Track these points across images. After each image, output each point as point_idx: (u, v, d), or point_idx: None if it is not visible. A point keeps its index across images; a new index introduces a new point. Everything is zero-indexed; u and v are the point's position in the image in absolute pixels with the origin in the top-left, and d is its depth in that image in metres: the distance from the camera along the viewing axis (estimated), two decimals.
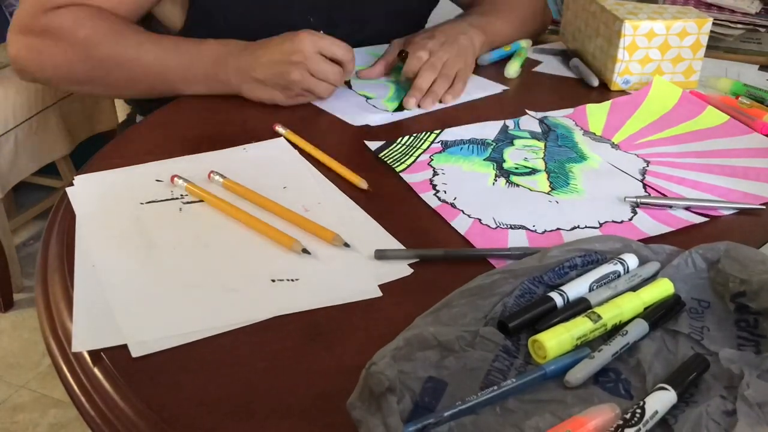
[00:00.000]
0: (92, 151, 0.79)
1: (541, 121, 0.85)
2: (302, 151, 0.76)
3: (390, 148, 0.77)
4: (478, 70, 1.01)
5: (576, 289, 0.51)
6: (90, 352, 0.48)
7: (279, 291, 0.55)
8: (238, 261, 0.58)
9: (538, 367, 0.44)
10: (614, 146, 0.80)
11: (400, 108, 0.87)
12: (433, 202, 0.67)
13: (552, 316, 0.48)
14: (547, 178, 0.72)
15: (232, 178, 0.68)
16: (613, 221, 0.64)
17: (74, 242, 0.60)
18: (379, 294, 0.54)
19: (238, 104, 0.88)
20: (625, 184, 0.71)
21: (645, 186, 0.71)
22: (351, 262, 0.58)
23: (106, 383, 0.46)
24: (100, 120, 2.12)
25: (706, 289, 0.52)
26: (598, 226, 0.64)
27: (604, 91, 0.97)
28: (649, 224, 0.64)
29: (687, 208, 0.67)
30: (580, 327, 0.46)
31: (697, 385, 0.43)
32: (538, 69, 1.06)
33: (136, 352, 0.48)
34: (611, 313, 0.48)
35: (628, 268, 0.53)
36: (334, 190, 0.69)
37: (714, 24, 1.53)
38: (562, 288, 0.51)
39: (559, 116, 0.87)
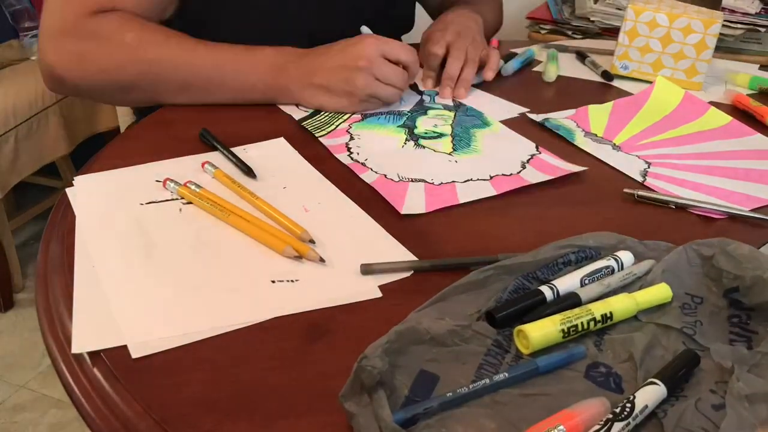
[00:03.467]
0: (92, 151, 0.79)
1: (542, 122, 0.85)
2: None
3: (314, 117, 0.84)
4: (501, 82, 1.00)
5: (566, 283, 0.51)
6: (90, 353, 0.48)
7: (279, 291, 0.55)
8: (238, 261, 0.59)
9: (530, 362, 0.45)
10: (615, 147, 0.80)
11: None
12: (346, 161, 0.74)
13: (541, 310, 0.49)
14: (451, 142, 0.78)
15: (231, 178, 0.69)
16: (503, 174, 0.71)
17: (74, 242, 0.60)
18: (379, 295, 0.55)
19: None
20: (521, 146, 0.78)
21: (538, 147, 0.77)
22: (350, 262, 0.58)
23: (105, 383, 0.47)
24: (100, 120, 2.12)
25: (699, 285, 0.52)
26: (488, 178, 0.70)
27: (604, 91, 0.97)
28: (534, 175, 0.71)
29: (684, 209, 0.67)
30: (566, 318, 0.47)
31: (687, 380, 0.44)
32: (538, 68, 1.06)
33: (136, 353, 0.48)
34: (601, 310, 0.48)
35: (622, 265, 0.53)
36: (335, 190, 0.69)
37: None
38: (552, 282, 0.51)
39: (561, 117, 0.87)
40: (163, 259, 0.58)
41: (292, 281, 0.56)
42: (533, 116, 0.87)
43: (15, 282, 1.98)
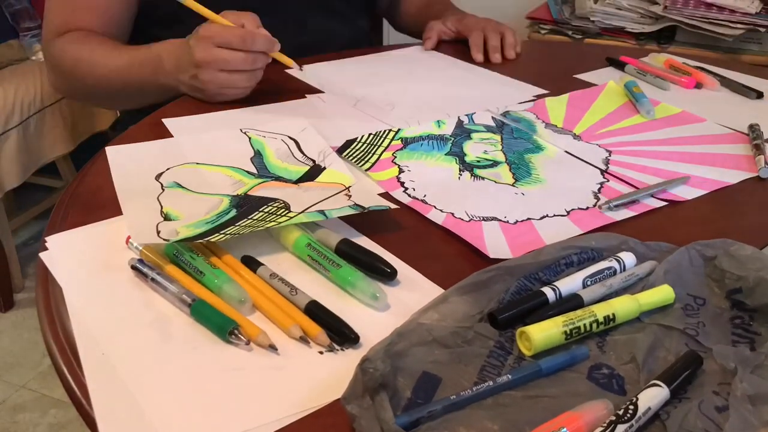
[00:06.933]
0: (92, 151, 0.79)
1: (503, 115, 0.87)
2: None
3: (351, 147, 0.78)
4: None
5: (569, 284, 0.51)
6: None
7: (332, 362, 0.47)
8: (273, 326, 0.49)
9: (533, 364, 0.45)
10: (576, 137, 0.82)
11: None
12: (404, 199, 0.67)
13: (543, 311, 0.49)
14: (510, 170, 0.74)
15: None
16: (579, 208, 0.66)
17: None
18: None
19: (236, 102, 0.89)
20: (585, 171, 0.74)
21: (604, 174, 0.73)
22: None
23: None
24: (100, 119, 2.12)
25: (702, 286, 0.52)
26: (565, 214, 0.65)
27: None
28: (615, 211, 0.66)
29: (652, 196, 0.68)
30: (569, 319, 0.47)
31: (690, 382, 0.44)
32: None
33: None
34: (604, 311, 0.48)
35: (624, 266, 0.53)
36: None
37: (714, 24, 1.54)
38: (554, 283, 0.51)
39: (521, 110, 0.89)
40: (182, 337, 0.49)
41: (341, 349, 0.48)
42: (493, 110, 0.88)
43: (15, 282, 1.98)
